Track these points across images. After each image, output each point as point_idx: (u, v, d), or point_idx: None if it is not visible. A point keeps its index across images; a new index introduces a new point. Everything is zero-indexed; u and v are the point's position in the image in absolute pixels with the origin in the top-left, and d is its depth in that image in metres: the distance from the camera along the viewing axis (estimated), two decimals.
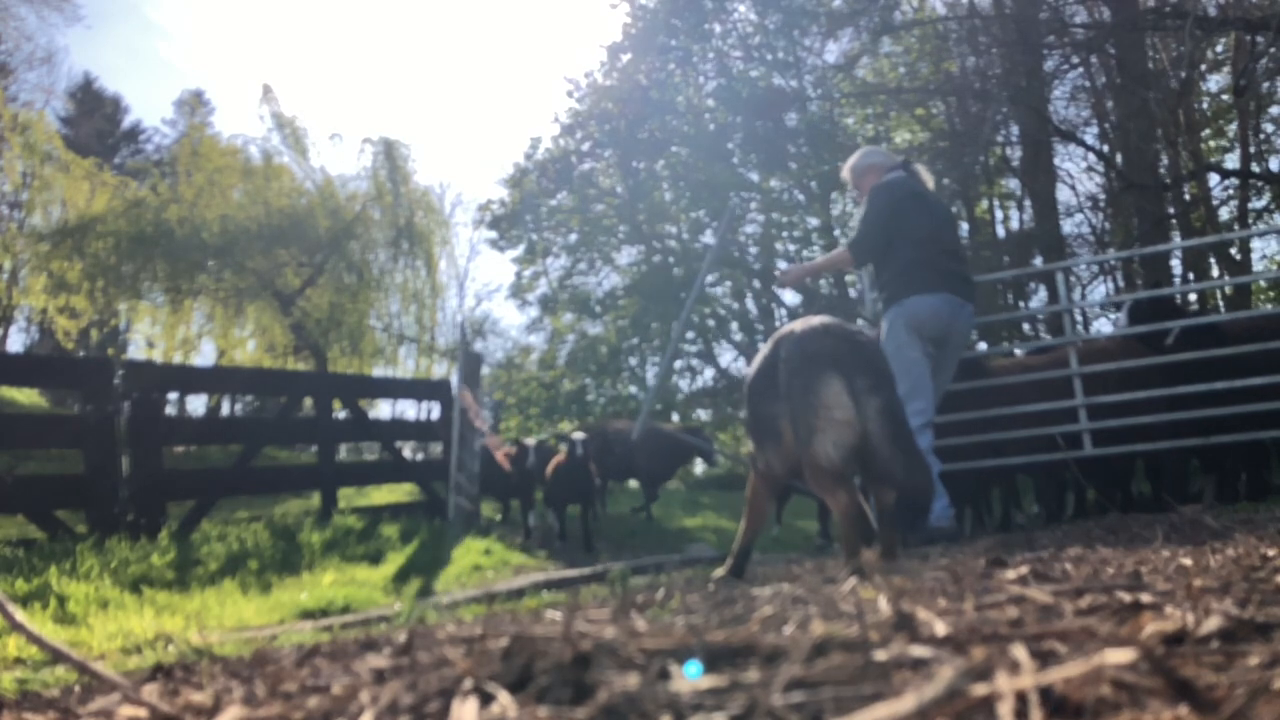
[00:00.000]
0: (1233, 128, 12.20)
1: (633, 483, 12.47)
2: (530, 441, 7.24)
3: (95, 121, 27.38)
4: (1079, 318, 12.08)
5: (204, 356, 16.88)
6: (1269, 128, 12.24)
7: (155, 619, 3.37)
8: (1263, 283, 11.82)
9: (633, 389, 16.35)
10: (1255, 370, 4.28)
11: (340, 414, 8.01)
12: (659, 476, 9.80)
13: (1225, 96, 11.91)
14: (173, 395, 19.64)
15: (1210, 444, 4.41)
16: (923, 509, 3.41)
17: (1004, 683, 0.56)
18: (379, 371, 16.00)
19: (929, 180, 4.31)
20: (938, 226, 4.10)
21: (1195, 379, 4.38)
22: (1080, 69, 11.83)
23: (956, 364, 4.24)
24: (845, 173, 4.54)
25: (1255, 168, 11.54)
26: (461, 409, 7.07)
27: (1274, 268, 12.57)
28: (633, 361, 16.45)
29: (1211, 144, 12.64)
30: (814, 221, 15.72)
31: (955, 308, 3.93)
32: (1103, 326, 12.78)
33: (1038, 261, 12.61)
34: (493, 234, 17.46)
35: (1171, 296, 5.64)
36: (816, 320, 2.42)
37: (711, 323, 16.84)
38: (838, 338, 2.28)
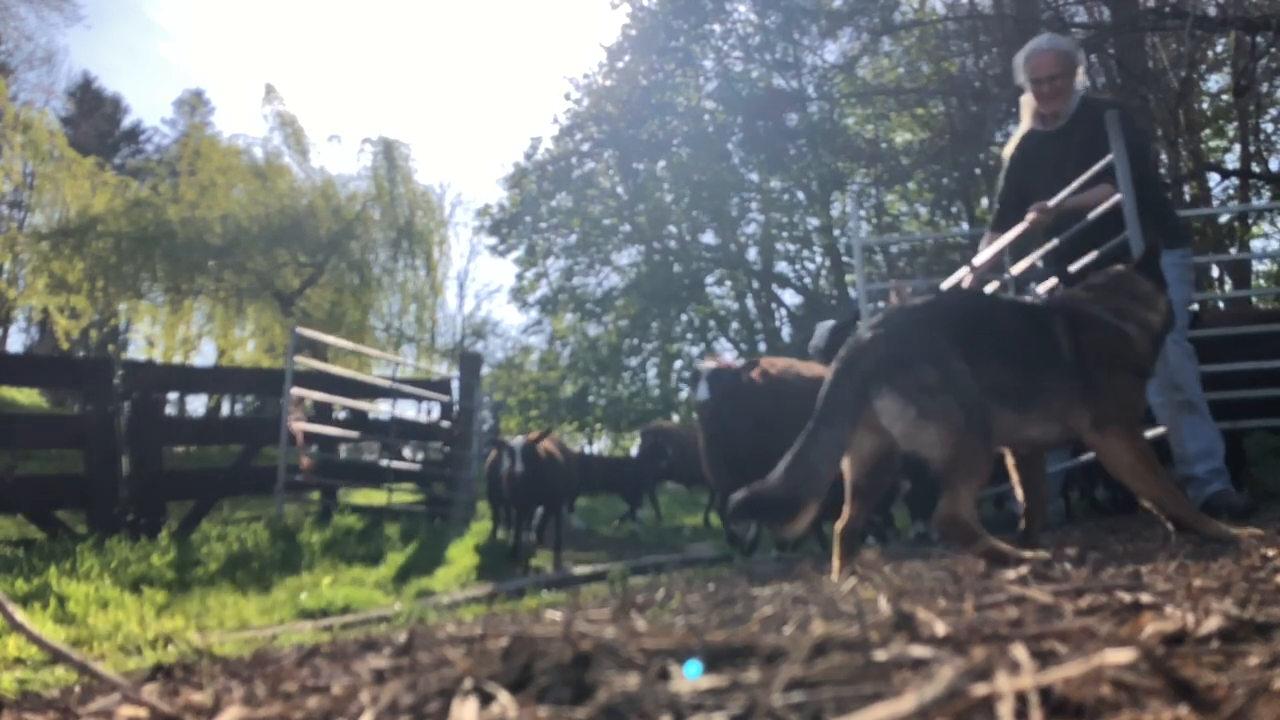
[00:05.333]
0: (1233, 128, 12.19)
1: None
2: (517, 441, 5.92)
3: (95, 121, 27.37)
4: None
5: (204, 356, 16.90)
6: (1269, 128, 12.24)
7: (155, 619, 3.37)
8: (1262, 281, 11.80)
9: (632, 389, 16.36)
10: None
11: (340, 414, 8.01)
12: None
13: (1225, 96, 11.91)
14: (173, 395, 19.65)
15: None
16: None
17: (1004, 683, 0.56)
18: (379, 371, 16.02)
19: None
20: None
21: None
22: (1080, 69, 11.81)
23: None
24: (1045, 57, 3.44)
25: (1255, 168, 11.54)
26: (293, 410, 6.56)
27: (1274, 266, 12.57)
28: (633, 361, 16.46)
29: (1212, 144, 12.63)
30: (814, 221, 15.73)
31: None
32: None
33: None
34: (493, 240, 17.45)
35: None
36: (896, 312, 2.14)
37: (712, 323, 16.84)
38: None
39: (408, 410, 9.36)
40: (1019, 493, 2.29)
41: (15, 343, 25.37)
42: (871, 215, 15.82)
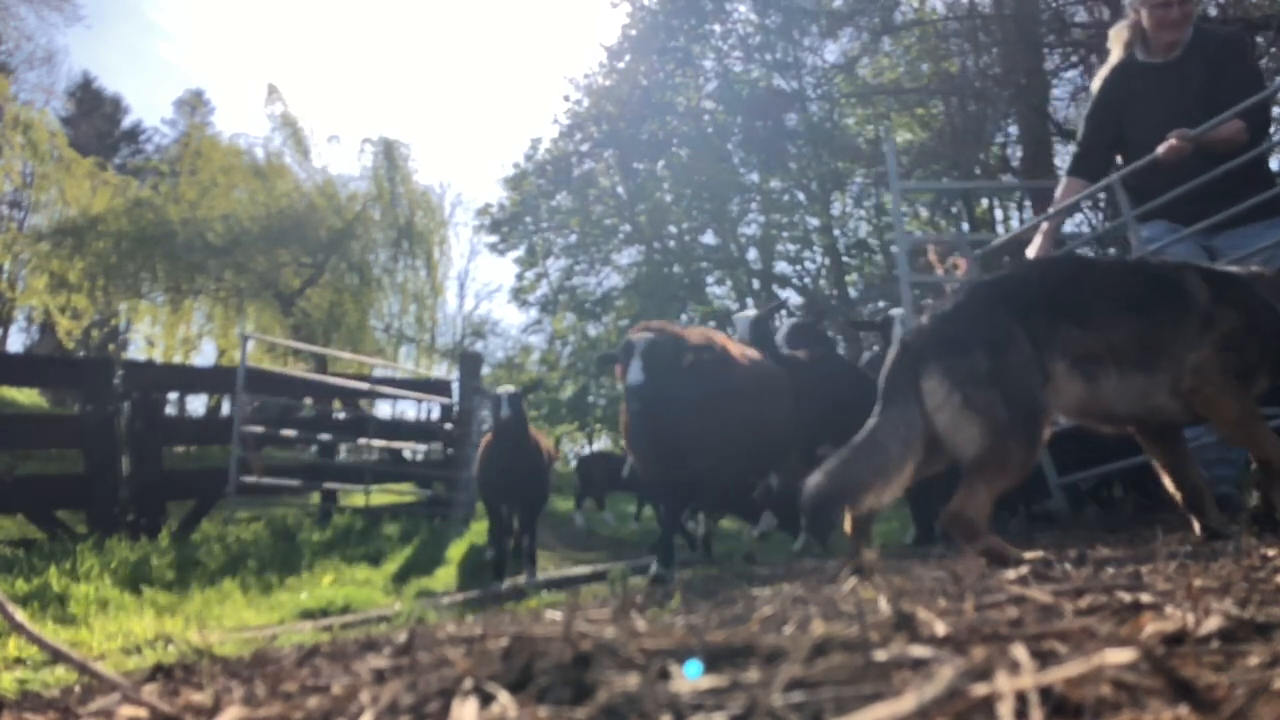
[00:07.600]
0: None
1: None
2: (504, 389, 5.15)
3: (95, 121, 27.35)
4: None
5: (204, 356, 16.91)
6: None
7: (155, 619, 3.37)
8: None
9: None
10: None
11: (340, 414, 8.01)
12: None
13: None
14: (173, 395, 19.65)
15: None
16: None
17: (1004, 683, 0.56)
18: (379, 372, 16.04)
19: None
20: None
21: None
22: (1080, 68, 11.84)
23: None
24: None
25: None
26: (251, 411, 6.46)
27: None
28: None
29: None
30: (814, 221, 15.74)
31: None
32: None
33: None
34: (493, 239, 17.49)
35: None
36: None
37: (712, 323, 16.85)
38: None
39: (409, 411, 9.35)
40: (1168, 483, 2.14)
41: (15, 343, 25.35)
42: (871, 215, 15.83)
